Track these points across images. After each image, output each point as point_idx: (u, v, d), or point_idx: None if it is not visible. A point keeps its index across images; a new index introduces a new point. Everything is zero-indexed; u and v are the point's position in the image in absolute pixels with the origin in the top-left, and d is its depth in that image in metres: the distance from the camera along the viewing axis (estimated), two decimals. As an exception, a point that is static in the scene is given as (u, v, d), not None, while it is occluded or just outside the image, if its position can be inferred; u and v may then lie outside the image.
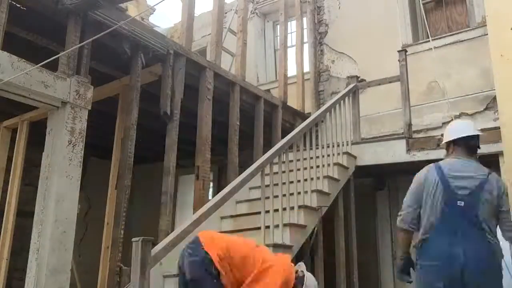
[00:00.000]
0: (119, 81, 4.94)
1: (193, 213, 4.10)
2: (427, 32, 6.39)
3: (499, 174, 4.65)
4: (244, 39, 6.05)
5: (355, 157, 5.47)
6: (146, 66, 4.60)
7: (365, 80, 6.14)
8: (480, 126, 5.43)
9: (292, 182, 4.25)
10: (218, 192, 3.92)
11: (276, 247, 3.75)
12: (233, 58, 6.86)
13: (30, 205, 4.07)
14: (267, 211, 3.75)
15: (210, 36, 6.10)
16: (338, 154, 5.16)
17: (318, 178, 4.66)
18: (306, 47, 7.47)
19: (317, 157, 4.73)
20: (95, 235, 5.35)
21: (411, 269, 3.07)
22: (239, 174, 4.03)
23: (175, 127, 4.63)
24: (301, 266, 2.93)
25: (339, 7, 7.63)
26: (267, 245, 3.66)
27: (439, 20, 6.88)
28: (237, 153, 5.42)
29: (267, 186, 3.86)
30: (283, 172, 4.17)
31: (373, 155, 5.45)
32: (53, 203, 3.35)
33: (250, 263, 2.70)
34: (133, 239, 2.69)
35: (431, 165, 3.06)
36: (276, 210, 3.87)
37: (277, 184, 4.04)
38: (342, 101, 5.43)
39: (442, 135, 5.17)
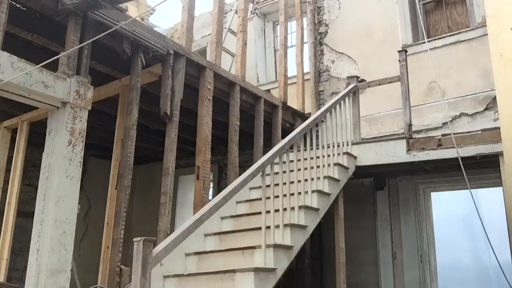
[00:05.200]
0: (119, 81, 4.94)
1: (194, 213, 4.11)
2: (427, 32, 6.40)
3: (499, 174, 4.67)
4: (244, 39, 6.05)
5: (355, 157, 5.46)
6: (146, 66, 4.59)
7: (365, 80, 6.13)
8: (480, 126, 5.47)
9: (292, 182, 4.24)
10: (218, 192, 3.92)
11: (277, 247, 3.75)
12: (233, 58, 6.86)
13: (30, 205, 4.08)
14: (268, 211, 3.75)
15: (210, 36, 6.10)
16: (339, 154, 5.15)
17: (318, 178, 4.66)
18: (306, 47, 7.47)
19: (318, 157, 4.72)
20: (95, 235, 5.35)
21: None
22: (239, 174, 4.02)
23: (175, 128, 4.63)
24: None
25: (339, 7, 7.63)
26: (268, 246, 3.67)
27: (439, 20, 6.89)
28: (237, 153, 5.41)
29: (268, 186, 3.85)
30: (284, 172, 4.17)
31: (373, 155, 5.44)
32: (53, 203, 3.35)
33: None
34: (135, 239, 2.68)
35: None
36: (277, 210, 3.87)
37: (277, 184, 4.04)
38: (342, 101, 5.43)
39: (442, 135, 5.21)
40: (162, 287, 3.76)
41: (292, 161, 4.40)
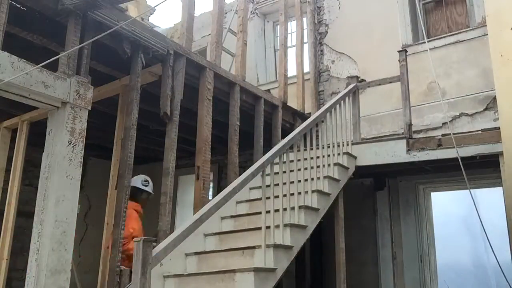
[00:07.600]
0: (119, 81, 4.93)
1: (194, 213, 4.11)
2: (427, 32, 6.40)
3: (499, 174, 4.67)
4: (244, 39, 6.05)
5: (355, 157, 5.47)
6: (146, 66, 4.59)
7: (365, 80, 6.14)
8: (480, 126, 5.47)
9: (292, 182, 4.25)
10: (218, 192, 3.92)
11: (277, 247, 3.75)
12: (233, 58, 6.85)
13: (30, 205, 4.07)
14: (268, 211, 3.75)
15: (210, 36, 6.10)
16: (339, 154, 5.16)
17: (318, 178, 4.66)
18: (306, 47, 7.46)
19: (318, 157, 4.73)
20: (95, 235, 5.35)
21: None
22: (239, 174, 4.02)
23: (175, 128, 4.63)
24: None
25: (339, 7, 7.64)
26: (268, 246, 3.67)
27: (439, 20, 6.89)
28: (237, 153, 5.41)
29: (268, 186, 3.85)
30: (284, 172, 4.17)
31: (373, 155, 5.45)
32: (53, 203, 3.34)
33: None
34: (135, 239, 2.69)
35: None
36: (277, 210, 3.87)
37: (277, 184, 4.04)
38: (342, 101, 5.43)
39: (442, 135, 5.22)
40: (162, 287, 3.77)
41: (292, 161, 4.40)
